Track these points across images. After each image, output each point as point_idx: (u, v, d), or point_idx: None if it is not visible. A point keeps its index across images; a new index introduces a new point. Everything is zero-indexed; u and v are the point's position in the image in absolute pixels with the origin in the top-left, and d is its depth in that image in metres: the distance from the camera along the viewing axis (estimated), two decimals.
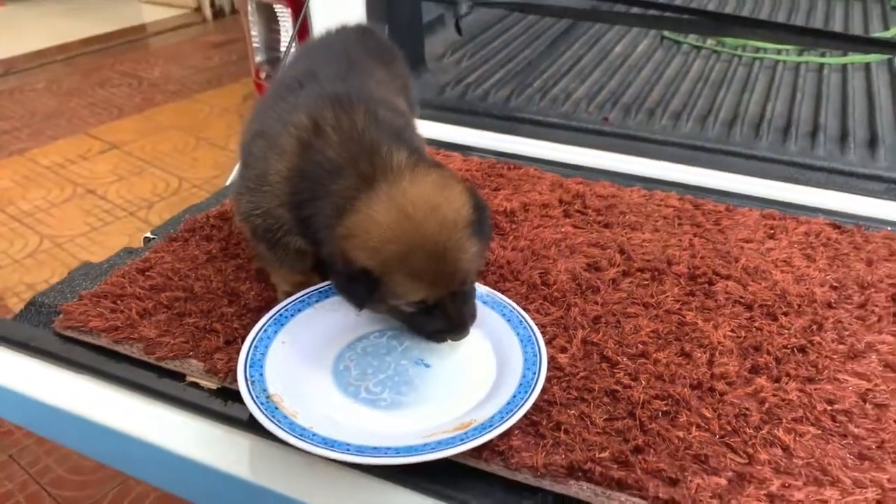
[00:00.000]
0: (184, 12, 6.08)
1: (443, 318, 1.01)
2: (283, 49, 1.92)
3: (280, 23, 1.95)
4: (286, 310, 1.09)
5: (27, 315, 1.18)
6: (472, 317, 1.03)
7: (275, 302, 1.13)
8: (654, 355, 1.06)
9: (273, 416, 0.91)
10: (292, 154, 1.05)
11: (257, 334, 1.04)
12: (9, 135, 4.32)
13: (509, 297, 1.14)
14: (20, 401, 1.08)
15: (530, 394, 0.94)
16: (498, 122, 1.87)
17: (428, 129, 1.76)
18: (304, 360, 1.03)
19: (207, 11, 6.02)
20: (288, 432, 0.88)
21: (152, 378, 1.06)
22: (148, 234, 1.38)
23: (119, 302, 1.16)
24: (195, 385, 1.04)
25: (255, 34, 2.04)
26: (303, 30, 1.81)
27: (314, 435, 0.88)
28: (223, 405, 1.01)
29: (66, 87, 4.96)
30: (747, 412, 0.97)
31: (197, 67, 5.22)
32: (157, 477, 1.07)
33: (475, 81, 2.06)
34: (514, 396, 0.94)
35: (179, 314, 1.14)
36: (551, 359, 1.04)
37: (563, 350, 1.07)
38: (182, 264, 1.25)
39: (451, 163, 1.57)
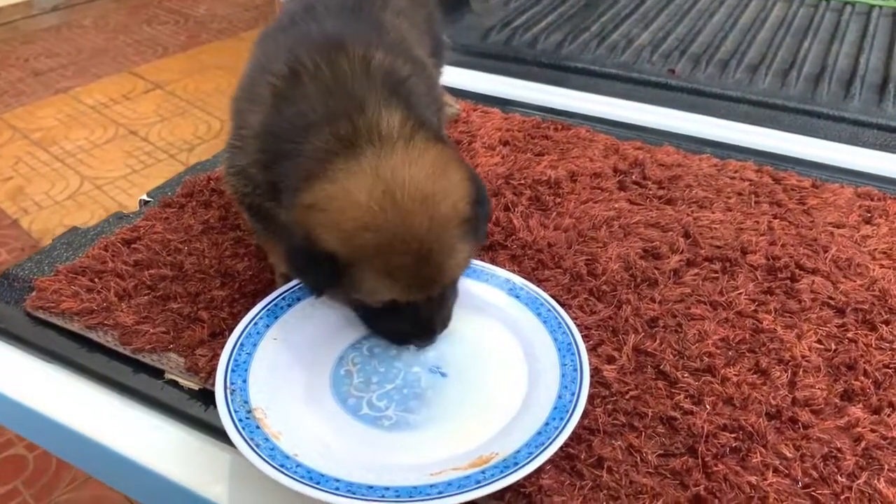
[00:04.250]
0: None
1: (410, 321, 0.84)
2: None
3: None
4: (282, 299, 0.92)
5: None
6: (444, 323, 0.86)
7: (273, 286, 0.96)
8: (723, 371, 0.86)
9: (252, 438, 0.75)
10: (266, 106, 0.87)
11: (245, 329, 0.88)
12: (55, 72, 4.26)
13: (548, 291, 0.95)
14: None
15: (567, 421, 0.76)
16: (547, 71, 1.65)
17: (468, 79, 1.56)
18: (298, 361, 0.87)
19: None
20: (266, 461, 0.72)
21: (127, 373, 0.91)
22: (144, 197, 1.22)
23: (97, 279, 1.01)
24: (174, 384, 0.89)
25: None
26: None
27: (298, 466, 0.72)
28: (203, 410, 0.85)
29: (112, 23, 4.90)
30: (839, 453, 0.78)
31: (243, 5, 5.11)
32: (122, 486, 0.94)
33: (523, 25, 1.84)
34: (547, 424, 0.77)
35: (163, 297, 0.98)
36: (595, 371, 0.86)
37: (611, 360, 0.88)
38: (174, 235, 1.09)
39: (490, 121, 1.37)
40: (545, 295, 0.92)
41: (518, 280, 0.95)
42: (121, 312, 0.95)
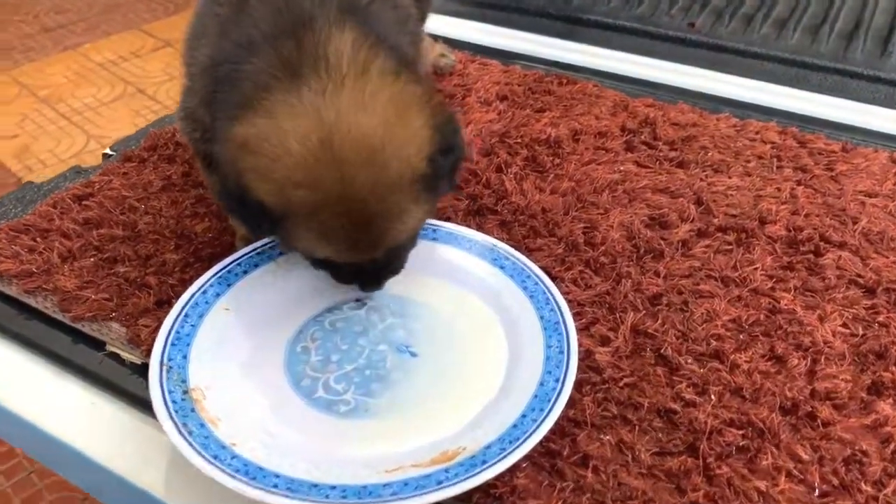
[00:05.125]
0: None
1: (353, 275, 0.76)
2: None
3: None
4: (237, 264, 0.82)
5: None
6: (394, 273, 0.78)
7: (233, 250, 0.86)
8: (733, 357, 0.76)
9: (184, 423, 0.65)
10: (213, 36, 0.78)
11: (191, 297, 0.78)
12: (65, 28, 4.16)
13: (538, 261, 0.85)
14: None
15: (549, 412, 0.66)
16: (555, 23, 1.51)
17: (466, 30, 1.44)
18: (250, 335, 0.77)
19: None
20: (197, 450, 0.63)
21: (65, 343, 0.82)
22: (107, 150, 1.12)
23: (41, 239, 0.91)
24: (115, 357, 0.80)
25: None
26: None
27: (234, 457, 0.63)
28: (144, 387, 0.75)
29: None
30: (863, 457, 0.67)
31: None
32: (50, 462, 0.85)
33: None
34: (525, 416, 0.66)
35: (110, 259, 0.88)
36: (586, 354, 0.76)
37: (605, 342, 0.78)
38: (131, 192, 0.99)
39: (487, 73, 1.25)
40: (533, 266, 0.82)
41: (504, 248, 0.84)
42: (62, 276, 0.86)
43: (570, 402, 0.69)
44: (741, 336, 0.78)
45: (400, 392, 0.71)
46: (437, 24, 1.43)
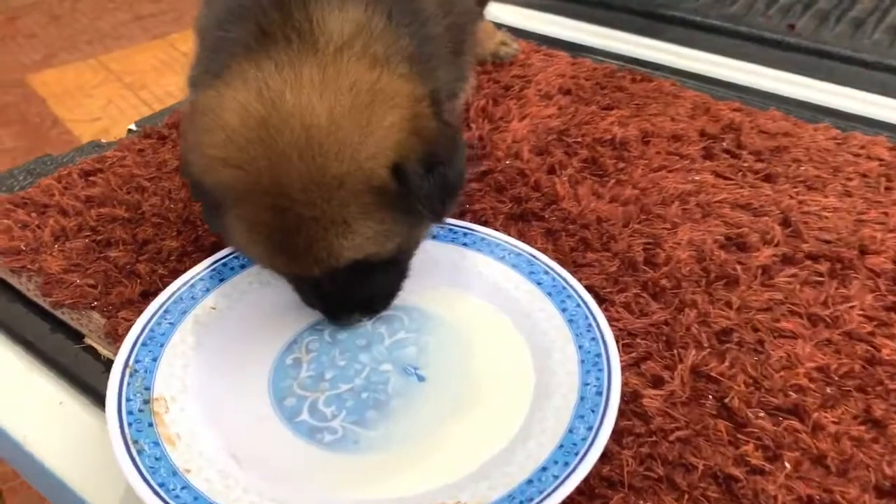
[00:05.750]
0: None
1: (309, 294, 0.65)
2: None
3: None
4: (234, 258, 0.72)
5: None
6: (360, 308, 0.65)
7: None
8: (816, 415, 0.61)
9: (135, 440, 0.55)
10: (215, 2, 0.69)
11: (176, 291, 0.68)
12: (155, 18, 4.23)
13: (586, 279, 0.71)
14: None
15: (575, 468, 0.53)
16: (635, 19, 1.36)
17: (534, 21, 1.31)
18: (236, 340, 0.66)
19: None
20: (142, 474, 0.52)
21: (42, 332, 0.73)
22: (132, 126, 1.04)
23: (37, 215, 0.83)
24: (92, 351, 0.70)
25: None
26: None
27: (184, 488, 0.52)
28: None
29: None
30: None
31: None
32: (17, 468, 0.76)
33: None
34: (545, 469, 0.53)
35: (104, 242, 0.79)
36: (632, 396, 0.62)
37: (657, 383, 0.64)
38: (142, 170, 0.90)
39: (552, 65, 1.11)
40: (577, 284, 0.68)
41: (544, 261, 0.71)
42: (50, 256, 0.77)
43: (605, 456, 0.56)
44: (829, 390, 0.63)
45: (398, 424, 0.59)
46: (505, 13, 1.30)
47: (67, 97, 3.19)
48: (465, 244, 0.74)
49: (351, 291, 0.62)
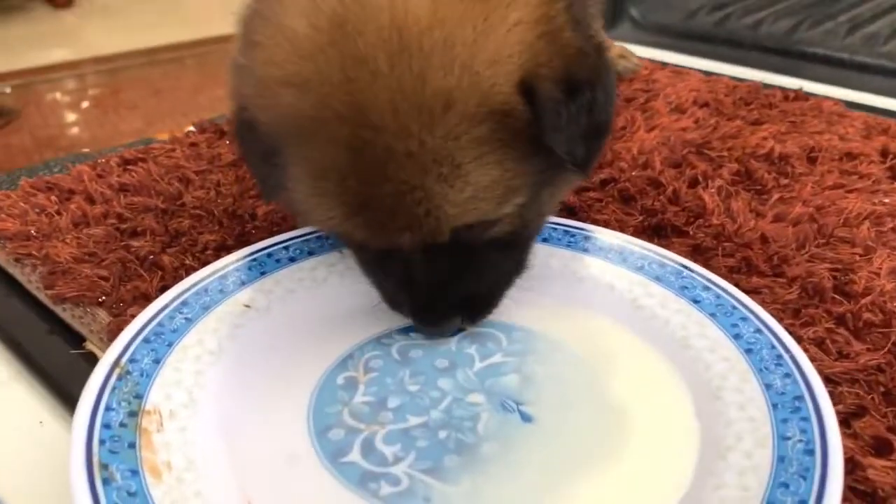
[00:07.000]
0: None
1: (394, 281, 0.46)
2: None
3: None
4: (283, 248, 0.55)
5: None
6: (464, 307, 0.45)
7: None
8: None
9: (104, 464, 0.37)
10: None
11: (200, 281, 0.51)
12: None
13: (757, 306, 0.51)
14: None
15: None
16: (771, 58, 1.19)
17: (661, 57, 1.14)
18: (273, 349, 0.48)
19: None
20: None
21: (38, 333, 0.57)
22: (190, 128, 0.91)
23: (59, 200, 0.69)
24: (91, 358, 0.54)
25: None
26: None
27: None
28: None
29: None
30: None
31: None
32: None
33: (742, 9, 1.39)
34: None
35: (129, 231, 0.64)
36: (850, 466, 0.41)
37: (882, 449, 0.42)
38: (191, 163, 0.76)
39: (683, 81, 0.94)
40: (753, 304, 0.48)
41: (702, 273, 0.51)
42: (62, 243, 0.62)
43: None
44: None
45: (490, 478, 0.39)
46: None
47: None
48: (586, 250, 0.55)
49: (452, 279, 0.44)
